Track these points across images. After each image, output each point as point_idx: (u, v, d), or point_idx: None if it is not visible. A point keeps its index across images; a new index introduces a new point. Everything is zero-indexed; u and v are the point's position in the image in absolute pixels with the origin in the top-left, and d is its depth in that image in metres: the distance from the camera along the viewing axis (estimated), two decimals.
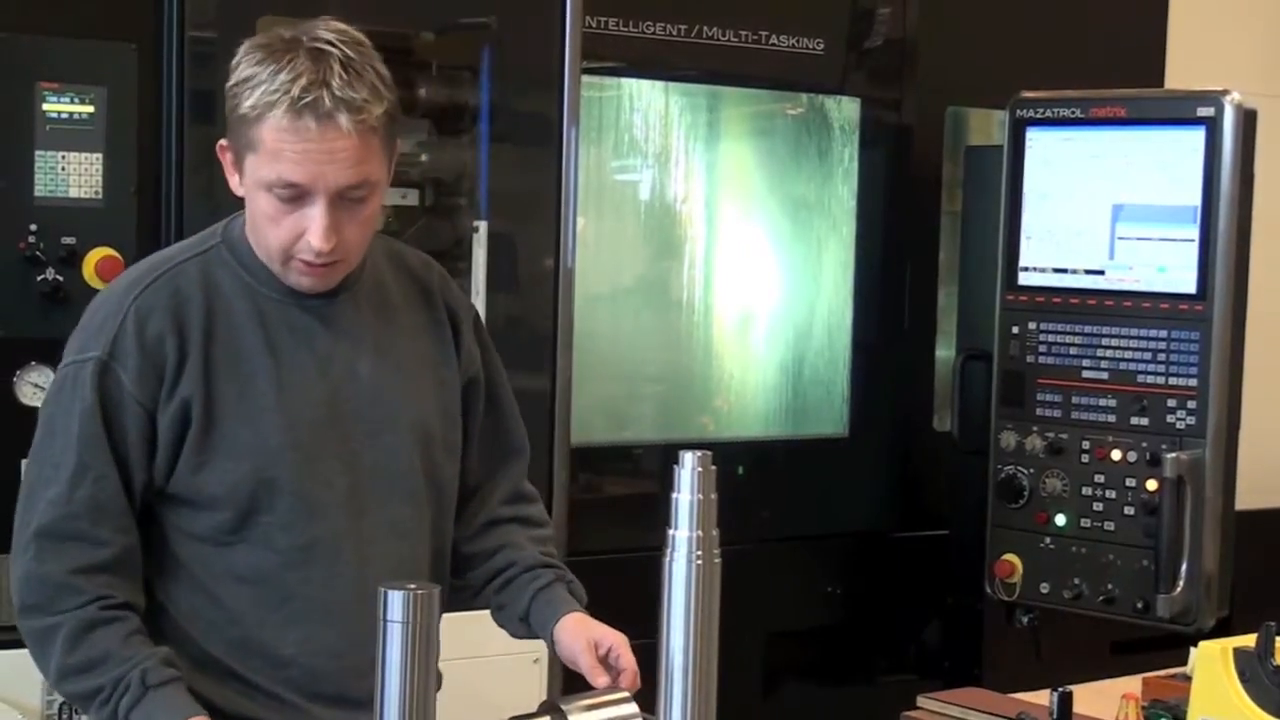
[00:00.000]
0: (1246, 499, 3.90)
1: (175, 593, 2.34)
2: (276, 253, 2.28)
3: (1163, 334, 3.77)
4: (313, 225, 2.23)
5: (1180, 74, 4.79)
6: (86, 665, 2.23)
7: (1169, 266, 3.77)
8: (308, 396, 2.34)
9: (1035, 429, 3.95)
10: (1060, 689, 2.63)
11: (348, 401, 2.37)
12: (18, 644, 2.84)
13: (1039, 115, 3.95)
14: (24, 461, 2.76)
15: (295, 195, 2.22)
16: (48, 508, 2.27)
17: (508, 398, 2.60)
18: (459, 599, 2.56)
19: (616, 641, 2.38)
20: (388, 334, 2.43)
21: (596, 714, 2.15)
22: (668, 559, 1.72)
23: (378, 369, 2.40)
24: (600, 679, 2.33)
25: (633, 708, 2.17)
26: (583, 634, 2.41)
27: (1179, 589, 3.69)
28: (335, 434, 2.35)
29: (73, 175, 3.04)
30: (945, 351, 4.46)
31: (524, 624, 2.52)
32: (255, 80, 2.21)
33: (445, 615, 2.39)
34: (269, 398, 2.31)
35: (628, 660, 2.34)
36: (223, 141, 2.31)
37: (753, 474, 4.17)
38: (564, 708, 2.13)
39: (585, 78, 3.63)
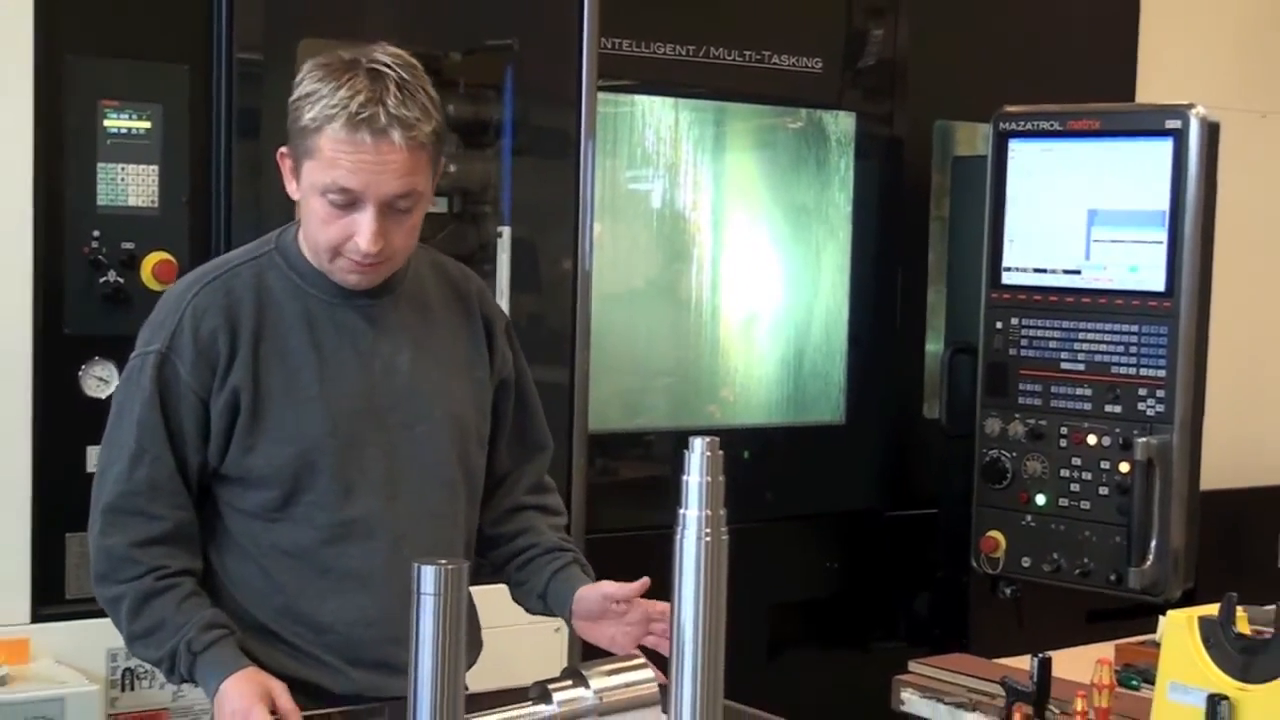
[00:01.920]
0: (1210, 480, 3.90)
1: (229, 563, 2.39)
2: (326, 251, 2.31)
3: (1134, 329, 3.76)
4: (362, 229, 2.26)
5: (1150, 89, 4.78)
6: (147, 632, 2.30)
7: (1140, 266, 3.76)
8: (349, 389, 2.36)
9: (1017, 416, 3.94)
10: (1040, 655, 2.63)
11: (387, 394, 2.39)
12: (83, 615, 2.88)
13: (1020, 128, 3.94)
14: (90, 447, 2.79)
15: (347, 201, 2.25)
16: (112, 485, 2.33)
17: (534, 398, 2.63)
18: (481, 575, 2.57)
19: (633, 587, 2.40)
20: (427, 334, 2.45)
21: (616, 678, 2.15)
22: (679, 536, 1.72)
23: (416, 365, 2.42)
24: (631, 586, 2.37)
25: (649, 672, 2.17)
26: (601, 584, 2.45)
27: (1149, 563, 3.69)
28: (374, 423, 2.38)
29: (131, 186, 3.05)
30: (934, 345, 4.44)
31: (541, 600, 2.55)
32: (317, 95, 2.23)
33: (473, 589, 2.43)
34: (313, 389, 2.34)
35: (641, 583, 2.37)
36: (283, 149, 2.33)
37: (757, 458, 4.15)
38: (585, 673, 2.13)
39: (601, 95, 3.62)
